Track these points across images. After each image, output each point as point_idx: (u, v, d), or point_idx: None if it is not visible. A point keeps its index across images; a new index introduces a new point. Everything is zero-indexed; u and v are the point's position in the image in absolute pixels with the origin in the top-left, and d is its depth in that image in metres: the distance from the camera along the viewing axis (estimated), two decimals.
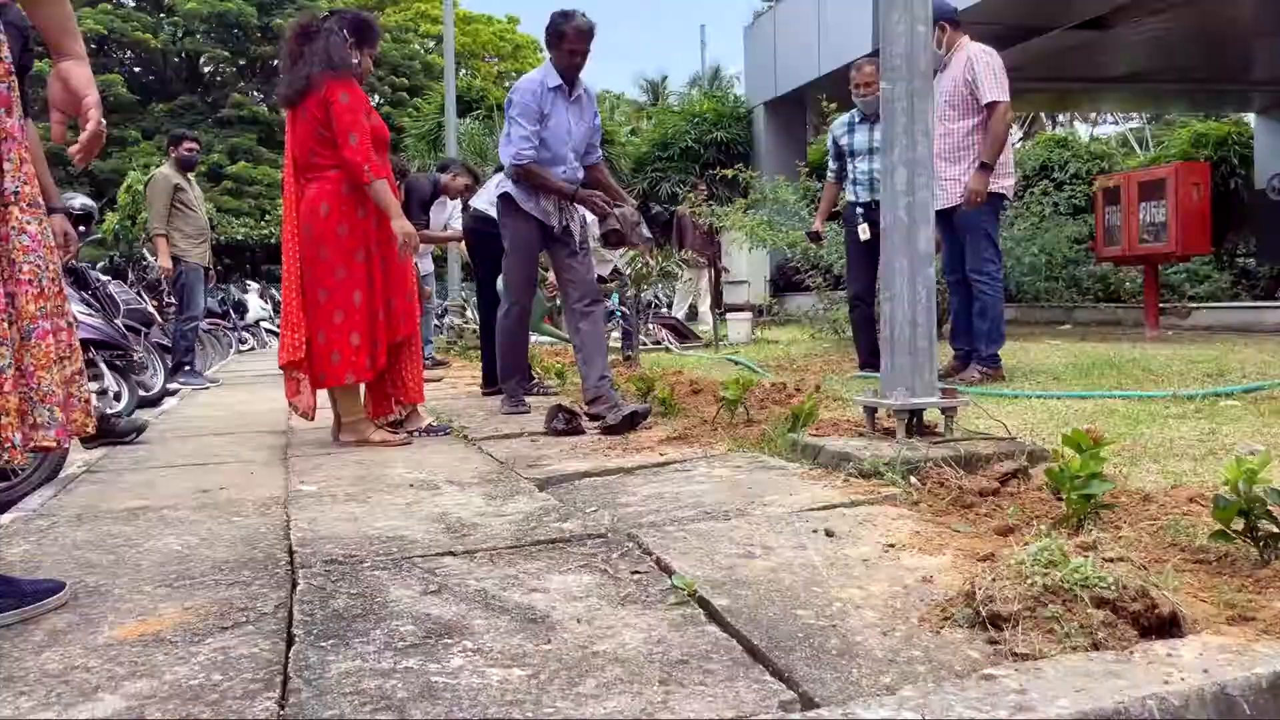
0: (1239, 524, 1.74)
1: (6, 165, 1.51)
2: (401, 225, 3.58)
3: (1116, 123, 28.54)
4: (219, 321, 12.14)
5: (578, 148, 4.23)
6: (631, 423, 3.60)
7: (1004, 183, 4.83)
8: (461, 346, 10.22)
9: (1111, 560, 1.52)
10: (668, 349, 8.69)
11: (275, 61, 32.66)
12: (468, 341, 10.36)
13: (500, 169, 5.74)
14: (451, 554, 1.95)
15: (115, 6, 28.95)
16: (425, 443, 3.72)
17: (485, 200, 5.48)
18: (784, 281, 12.52)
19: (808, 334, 9.14)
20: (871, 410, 2.90)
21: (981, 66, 4.58)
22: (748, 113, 15.35)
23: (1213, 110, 17.40)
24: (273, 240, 27.12)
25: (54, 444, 1.58)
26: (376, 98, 34.93)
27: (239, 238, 25.81)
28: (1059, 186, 7.88)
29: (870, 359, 5.59)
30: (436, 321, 12.45)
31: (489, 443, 3.60)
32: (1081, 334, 8.05)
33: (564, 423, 3.67)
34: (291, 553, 2.03)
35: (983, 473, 2.46)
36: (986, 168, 4.60)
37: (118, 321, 6.64)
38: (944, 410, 2.79)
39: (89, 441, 3.69)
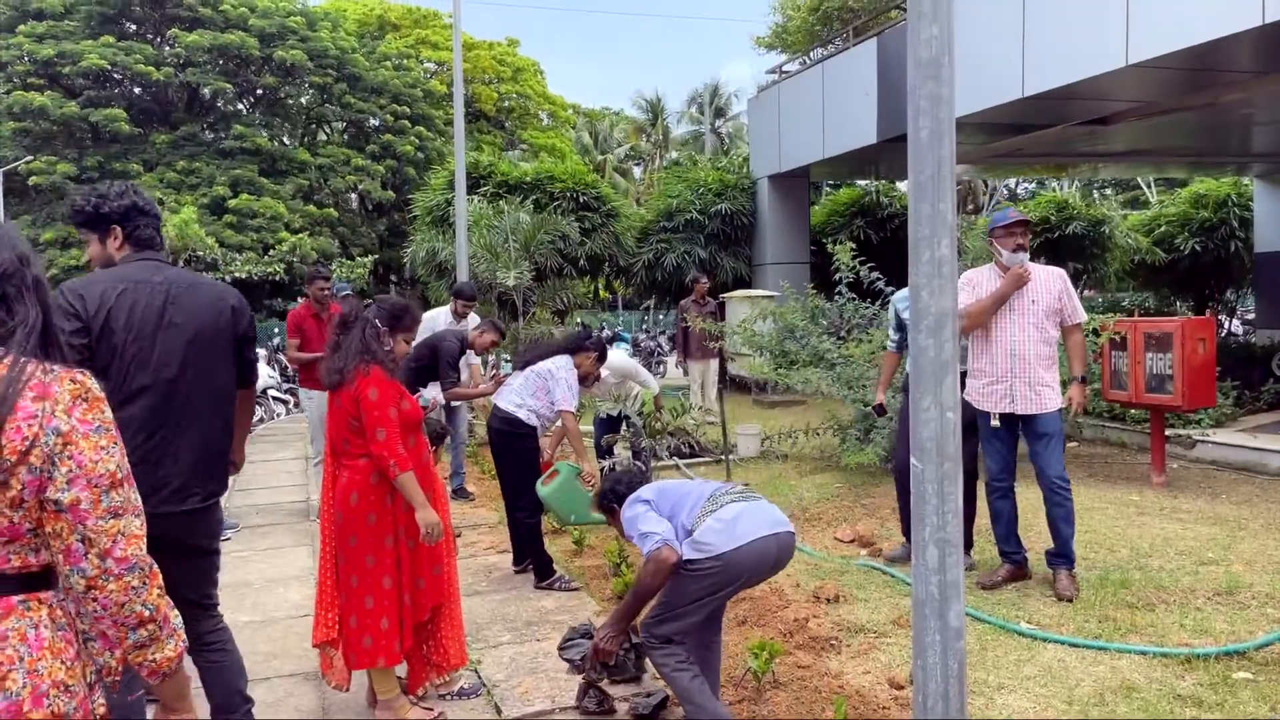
0: None
1: None
2: (425, 517, 3.65)
3: None
4: None
5: None
6: (662, 707, 3.70)
7: None
8: (472, 445, 10.25)
9: None
10: (677, 466, 8.77)
11: (279, 92, 32.81)
12: (479, 439, 10.41)
13: (524, 365, 5.56)
14: None
15: (117, 39, 28.92)
16: (458, 717, 3.81)
17: (511, 401, 5.23)
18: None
19: (815, 446, 9.21)
20: None
21: (1071, 290, 5.05)
22: (752, 184, 15.41)
23: (1213, 174, 17.53)
24: (276, 277, 27.20)
25: None
26: (376, 121, 35.03)
27: (242, 276, 25.79)
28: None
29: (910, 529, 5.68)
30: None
31: None
32: (1088, 464, 8.14)
33: (595, 703, 3.76)
34: None
35: None
36: (1085, 381, 5.12)
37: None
38: None
39: None
